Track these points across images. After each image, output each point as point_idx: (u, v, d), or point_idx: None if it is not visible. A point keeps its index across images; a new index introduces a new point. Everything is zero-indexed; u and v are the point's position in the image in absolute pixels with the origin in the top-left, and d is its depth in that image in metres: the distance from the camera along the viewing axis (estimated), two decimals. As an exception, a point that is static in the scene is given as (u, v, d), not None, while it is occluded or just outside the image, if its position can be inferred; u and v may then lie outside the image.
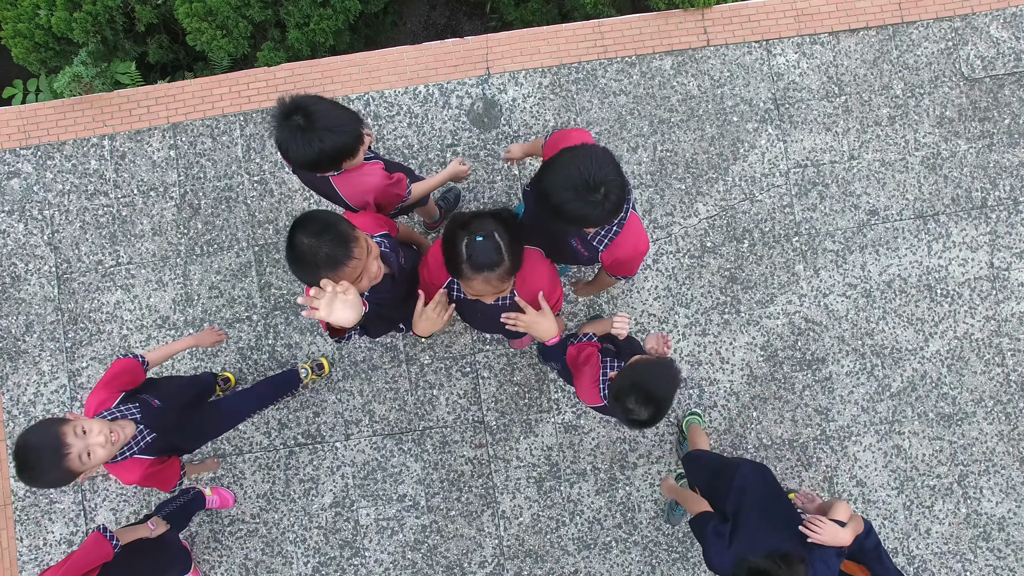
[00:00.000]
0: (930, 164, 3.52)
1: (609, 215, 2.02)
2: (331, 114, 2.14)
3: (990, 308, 3.48)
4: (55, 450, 2.14)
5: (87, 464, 2.19)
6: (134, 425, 2.40)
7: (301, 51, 3.59)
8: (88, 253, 3.47)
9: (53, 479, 2.18)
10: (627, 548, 3.40)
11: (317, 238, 1.92)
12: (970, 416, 3.45)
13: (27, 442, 2.16)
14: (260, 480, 3.41)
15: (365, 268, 2.02)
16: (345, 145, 2.17)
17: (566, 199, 1.96)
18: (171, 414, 2.56)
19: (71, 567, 2.50)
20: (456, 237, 1.98)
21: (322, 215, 1.99)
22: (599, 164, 1.96)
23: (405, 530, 3.40)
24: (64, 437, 2.15)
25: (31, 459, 2.15)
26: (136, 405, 2.46)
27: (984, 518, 3.43)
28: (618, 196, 1.98)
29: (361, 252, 1.99)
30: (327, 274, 1.96)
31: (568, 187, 1.95)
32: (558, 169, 1.98)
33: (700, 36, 3.53)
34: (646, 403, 2.08)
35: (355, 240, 1.97)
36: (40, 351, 3.44)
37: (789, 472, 3.42)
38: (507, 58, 3.52)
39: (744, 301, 3.46)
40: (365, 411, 3.43)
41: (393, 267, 2.28)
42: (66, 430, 2.17)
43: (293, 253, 1.96)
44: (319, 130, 2.11)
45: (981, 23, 3.55)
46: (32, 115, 3.53)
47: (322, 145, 2.12)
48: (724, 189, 3.49)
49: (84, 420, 2.23)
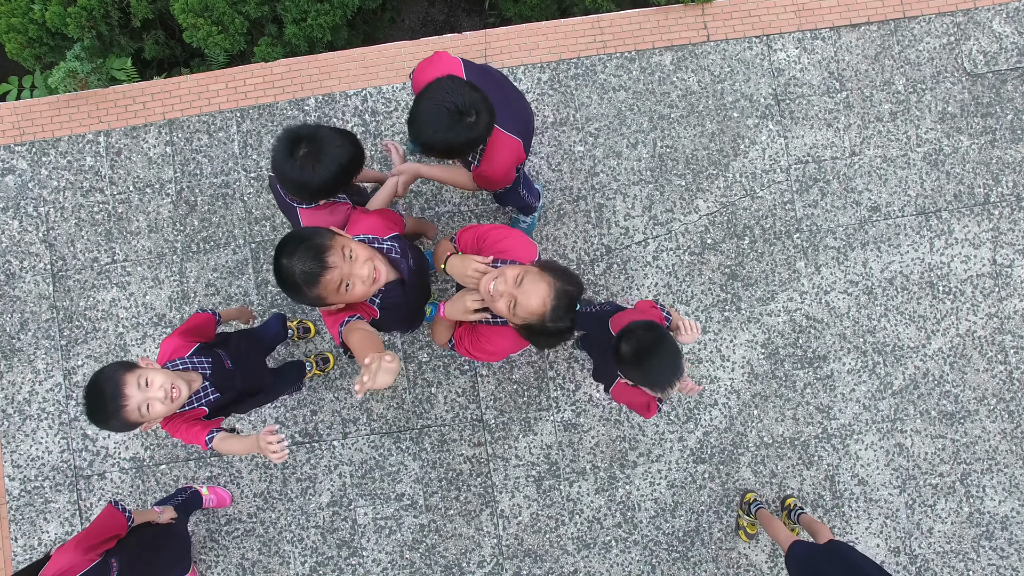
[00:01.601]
0: (932, 160, 3.49)
1: (485, 133, 2.20)
2: (335, 141, 2.18)
3: (993, 305, 3.45)
4: (113, 400, 2.13)
5: (146, 417, 2.19)
6: (201, 379, 2.39)
7: (298, 47, 3.56)
8: (83, 250, 3.45)
9: (115, 426, 2.18)
10: (627, 547, 3.37)
11: (291, 257, 1.95)
12: (973, 414, 3.42)
13: (93, 384, 2.16)
14: (257, 479, 3.38)
15: (352, 274, 2.00)
16: (349, 171, 2.20)
17: (444, 133, 2.12)
18: (238, 378, 2.54)
19: (85, 536, 2.48)
20: (558, 282, 2.13)
21: (297, 233, 2.02)
22: (460, 91, 2.10)
23: (403, 529, 3.37)
24: (124, 387, 2.14)
25: (94, 403, 2.16)
26: (209, 360, 2.44)
27: (987, 517, 3.40)
28: (489, 112, 2.17)
29: (337, 259, 1.98)
30: (310, 290, 1.97)
31: (441, 122, 2.10)
32: (424, 110, 2.12)
33: (700, 31, 3.51)
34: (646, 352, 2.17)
35: (328, 250, 1.97)
36: (35, 349, 3.41)
37: (790, 471, 3.39)
38: (505, 53, 3.49)
39: (745, 298, 3.43)
40: (363, 409, 3.40)
41: (404, 273, 2.24)
42: (128, 379, 2.16)
43: (277, 277, 2.00)
44: (329, 150, 2.15)
45: (984, 18, 3.52)
46: (27, 111, 3.50)
47: (326, 171, 2.15)
48: (724, 185, 3.47)
49: (150, 370, 2.22)
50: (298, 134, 2.12)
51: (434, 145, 2.13)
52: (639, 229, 3.45)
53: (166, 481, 3.36)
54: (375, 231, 2.22)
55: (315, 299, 2.00)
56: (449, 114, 2.07)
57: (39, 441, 3.39)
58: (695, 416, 3.40)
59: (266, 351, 2.97)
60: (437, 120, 2.07)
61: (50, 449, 3.38)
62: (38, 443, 3.39)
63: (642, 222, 3.45)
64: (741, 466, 3.39)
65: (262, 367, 2.87)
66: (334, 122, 3.47)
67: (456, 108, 2.08)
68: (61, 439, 3.38)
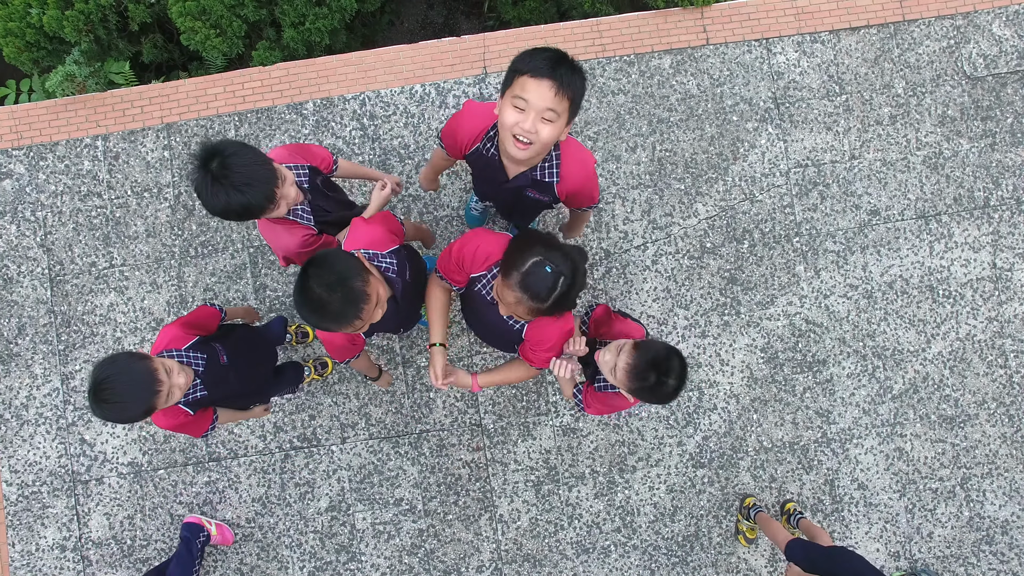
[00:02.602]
0: (932, 164, 3.48)
1: None
2: (247, 170, 2.01)
3: (993, 309, 3.44)
4: (148, 386, 2.09)
5: (167, 404, 2.17)
6: (192, 375, 2.35)
7: (297, 50, 3.55)
8: (81, 255, 3.44)
9: (134, 415, 2.13)
10: (626, 552, 3.36)
11: (329, 292, 1.89)
12: (973, 418, 3.41)
13: (112, 376, 2.09)
14: (255, 484, 3.37)
15: (370, 319, 2.01)
16: (251, 205, 2.04)
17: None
18: (232, 375, 2.51)
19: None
20: (529, 251, 1.96)
21: (339, 264, 1.94)
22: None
23: (402, 534, 3.36)
24: (157, 374, 2.11)
25: (120, 392, 2.08)
26: (204, 357, 2.39)
27: (987, 521, 3.39)
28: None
29: (370, 311, 1.96)
30: (330, 326, 1.94)
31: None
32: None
33: (699, 35, 3.50)
34: (667, 372, 2.11)
35: (367, 299, 1.93)
36: (33, 354, 3.40)
37: (789, 476, 3.38)
38: (504, 57, 3.48)
39: (744, 302, 3.43)
40: (361, 414, 3.39)
41: (397, 291, 2.23)
42: (156, 367, 2.12)
43: (302, 297, 1.92)
44: (231, 185, 1.99)
45: (983, 21, 3.52)
46: (24, 115, 3.49)
47: (228, 200, 2.01)
48: (724, 189, 3.46)
49: (163, 359, 2.19)
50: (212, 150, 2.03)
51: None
52: (638, 233, 3.44)
53: (164, 486, 3.35)
54: (376, 245, 2.18)
55: (326, 329, 2.01)
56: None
57: (37, 446, 3.38)
58: (694, 420, 3.39)
59: (267, 351, 2.95)
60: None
61: (48, 454, 3.37)
62: (36, 448, 3.38)
63: (641, 226, 3.44)
64: (740, 470, 3.38)
65: (260, 366, 2.85)
66: (332, 126, 3.46)
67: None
68: (59, 444, 3.37)
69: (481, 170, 2.33)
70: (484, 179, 2.37)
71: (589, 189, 2.30)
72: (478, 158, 2.25)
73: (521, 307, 1.99)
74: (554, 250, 1.96)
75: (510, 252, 2.02)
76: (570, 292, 1.98)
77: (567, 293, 1.97)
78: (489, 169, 2.26)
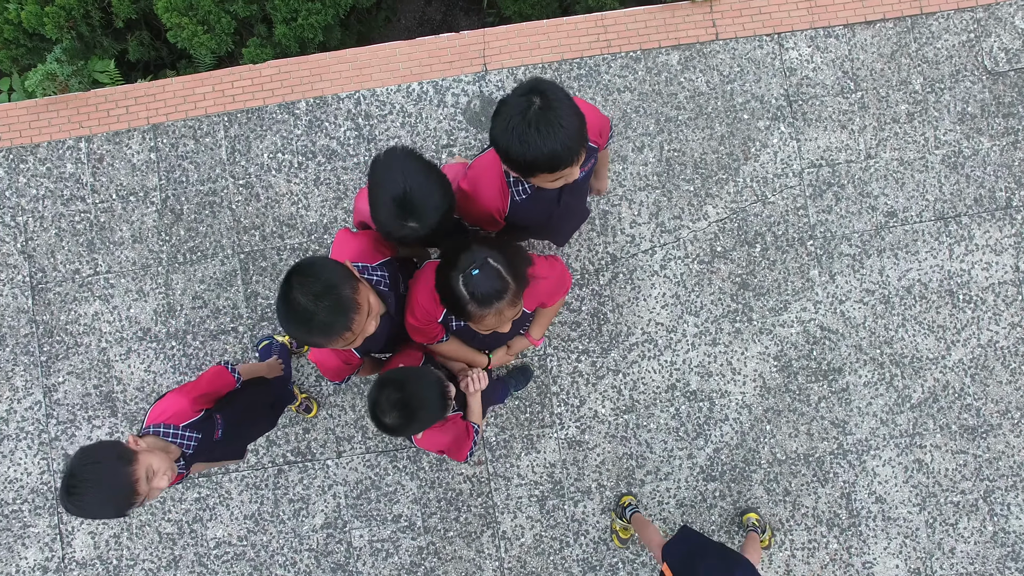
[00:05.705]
0: (951, 163, 3.34)
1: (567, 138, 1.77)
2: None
3: (1016, 314, 3.30)
4: (123, 498, 1.91)
5: (141, 505, 2.00)
6: (177, 453, 2.14)
7: (289, 48, 3.41)
8: (64, 262, 3.29)
9: (105, 515, 1.96)
10: (635, 570, 3.22)
11: (315, 301, 1.70)
12: (996, 428, 3.27)
13: (89, 480, 1.89)
14: (248, 500, 3.23)
15: (362, 331, 1.83)
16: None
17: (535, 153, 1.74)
18: (219, 449, 2.33)
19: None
20: (450, 282, 1.78)
21: (325, 272, 1.75)
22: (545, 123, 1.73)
23: (400, 552, 3.22)
24: (137, 485, 1.92)
25: (89, 501, 1.89)
26: (199, 436, 2.18)
27: (1012, 536, 3.25)
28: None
29: (360, 322, 1.77)
30: (318, 340, 1.77)
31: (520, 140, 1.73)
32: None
33: (708, 29, 3.35)
34: (393, 405, 1.95)
35: (356, 308, 1.75)
36: (13, 365, 3.26)
37: (804, 489, 3.24)
38: (505, 53, 3.34)
39: (756, 308, 3.29)
40: (358, 427, 3.25)
41: (390, 307, 2.07)
42: (138, 476, 1.92)
43: (286, 308, 1.74)
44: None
45: (1005, 13, 3.37)
46: (3, 116, 3.34)
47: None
48: (735, 190, 3.32)
49: (153, 456, 1.98)
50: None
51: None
52: (646, 237, 3.30)
53: (152, 503, 3.21)
54: (364, 257, 2.02)
55: (314, 344, 1.83)
56: None
57: (17, 462, 3.23)
58: (705, 432, 3.25)
59: (269, 421, 2.74)
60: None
61: (29, 470, 3.23)
62: (16, 464, 3.23)
63: (649, 229, 3.30)
64: (753, 484, 3.24)
65: (253, 437, 2.69)
66: (326, 126, 3.32)
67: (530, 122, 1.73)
68: (41, 460, 3.23)
69: (529, 211, 2.08)
70: (539, 212, 2.12)
71: (599, 119, 2.13)
72: (519, 206, 2.03)
73: (504, 313, 1.82)
74: (459, 260, 1.79)
75: (442, 295, 1.85)
76: (514, 260, 1.81)
77: (513, 262, 1.80)
78: (536, 201, 2.04)
